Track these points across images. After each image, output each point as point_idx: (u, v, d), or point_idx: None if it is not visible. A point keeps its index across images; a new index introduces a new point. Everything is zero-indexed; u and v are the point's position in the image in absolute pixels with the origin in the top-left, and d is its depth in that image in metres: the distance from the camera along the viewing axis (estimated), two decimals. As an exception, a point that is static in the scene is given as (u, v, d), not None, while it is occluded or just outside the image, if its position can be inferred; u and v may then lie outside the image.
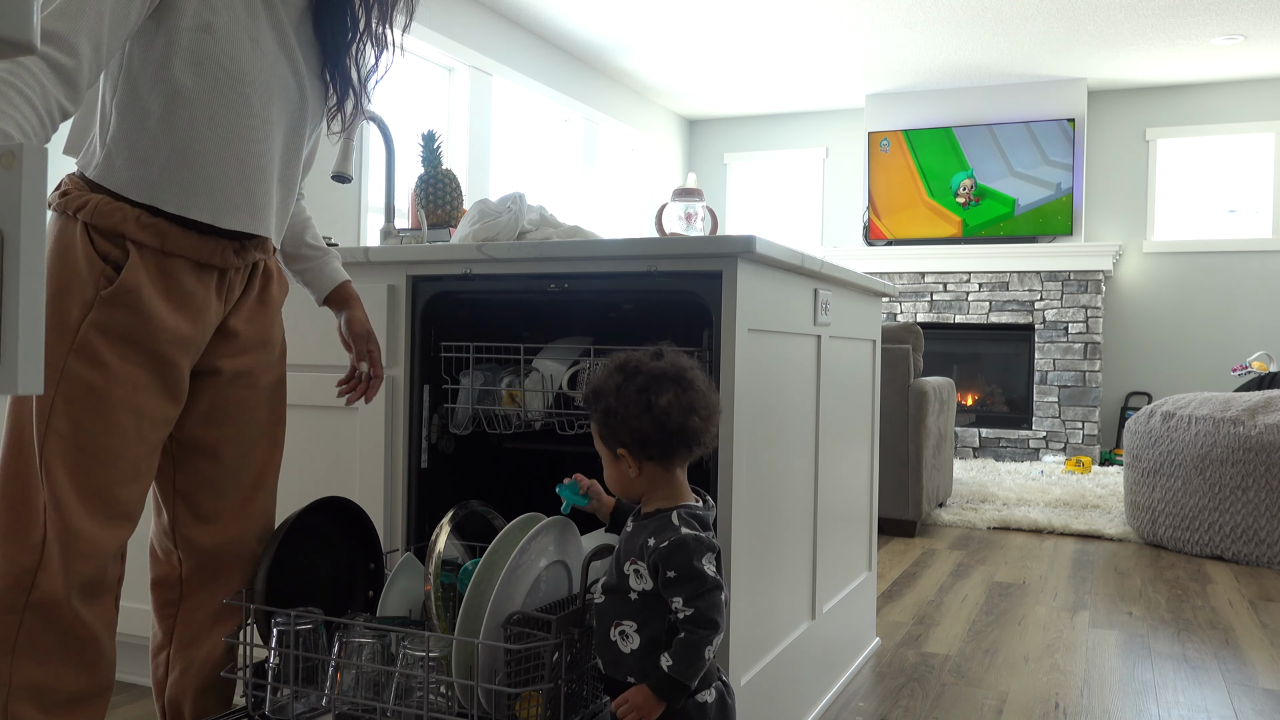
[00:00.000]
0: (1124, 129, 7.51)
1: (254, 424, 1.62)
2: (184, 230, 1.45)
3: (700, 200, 2.90)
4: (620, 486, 1.43)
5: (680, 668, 1.30)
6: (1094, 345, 7.11)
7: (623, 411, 1.36)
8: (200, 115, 1.42)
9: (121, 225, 1.42)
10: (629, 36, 6.57)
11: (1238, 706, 2.32)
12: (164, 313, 1.45)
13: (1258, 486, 3.86)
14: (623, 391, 1.37)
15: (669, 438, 1.36)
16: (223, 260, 1.51)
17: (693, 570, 1.31)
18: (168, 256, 1.45)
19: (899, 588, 3.42)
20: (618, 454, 1.39)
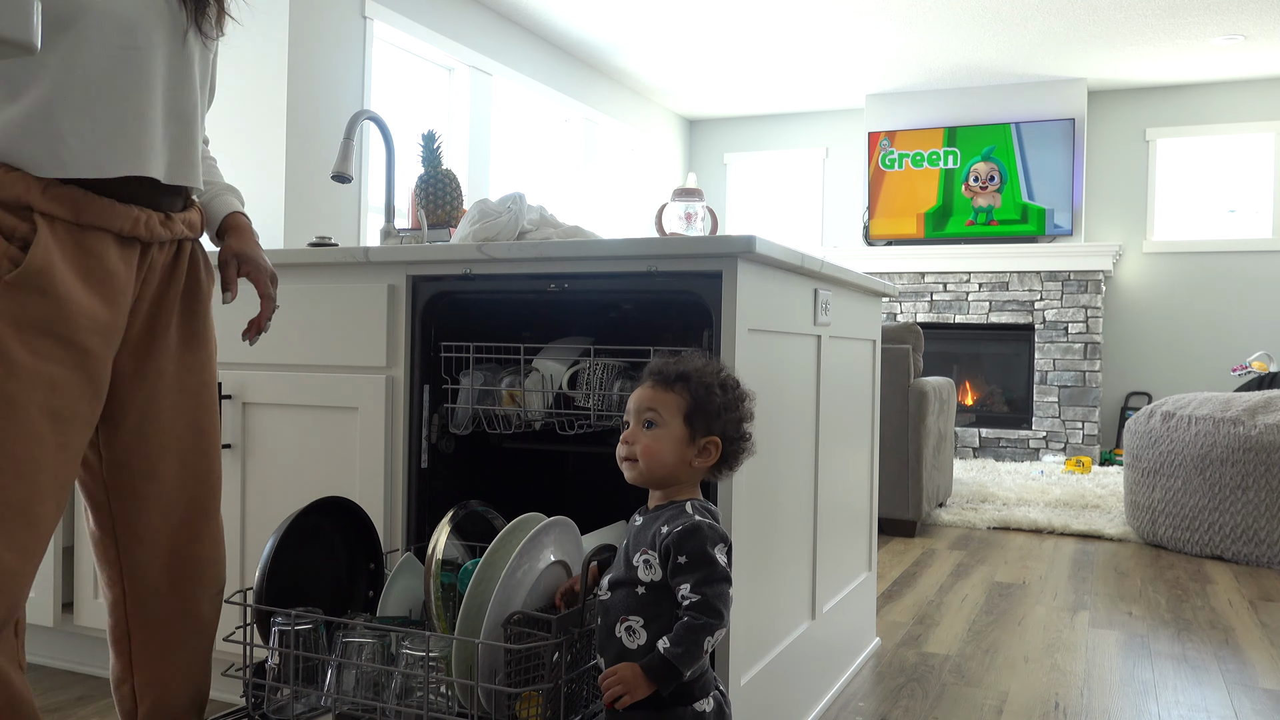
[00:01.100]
0: (1124, 129, 7.51)
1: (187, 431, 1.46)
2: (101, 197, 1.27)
3: (700, 200, 2.90)
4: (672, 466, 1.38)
5: (677, 651, 1.28)
6: (1094, 345, 7.11)
7: (733, 409, 1.41)
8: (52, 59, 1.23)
9: (26, 195, 1.22)
10: (629, 36, 6.57)
11: (1238, 706, 2.32)
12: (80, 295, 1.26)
13: (1258, 486, 3.86)
14: (735, 391, 1.43)
15: (741, 455, 1.44)
16: (148, 232, 1.33)
17: (704, 556, 1.32)
18: (84, 230, 1.27)
19: (899, 588, 3.42)
20: (701, 441, 1.39)
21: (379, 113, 3.03)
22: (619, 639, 1.35)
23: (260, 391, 2.07)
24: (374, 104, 5.25)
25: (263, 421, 2.08)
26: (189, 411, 1.47)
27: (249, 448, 2.10)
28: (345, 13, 5.02)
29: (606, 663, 1.37)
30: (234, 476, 2.11)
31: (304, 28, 4.76)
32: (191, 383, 1.47)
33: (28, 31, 0.98)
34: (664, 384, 1.40)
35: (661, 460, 1.38)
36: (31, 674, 2.36)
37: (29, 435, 1.24)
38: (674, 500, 1.40)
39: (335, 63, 4.95)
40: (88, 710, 2.16)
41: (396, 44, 5.49)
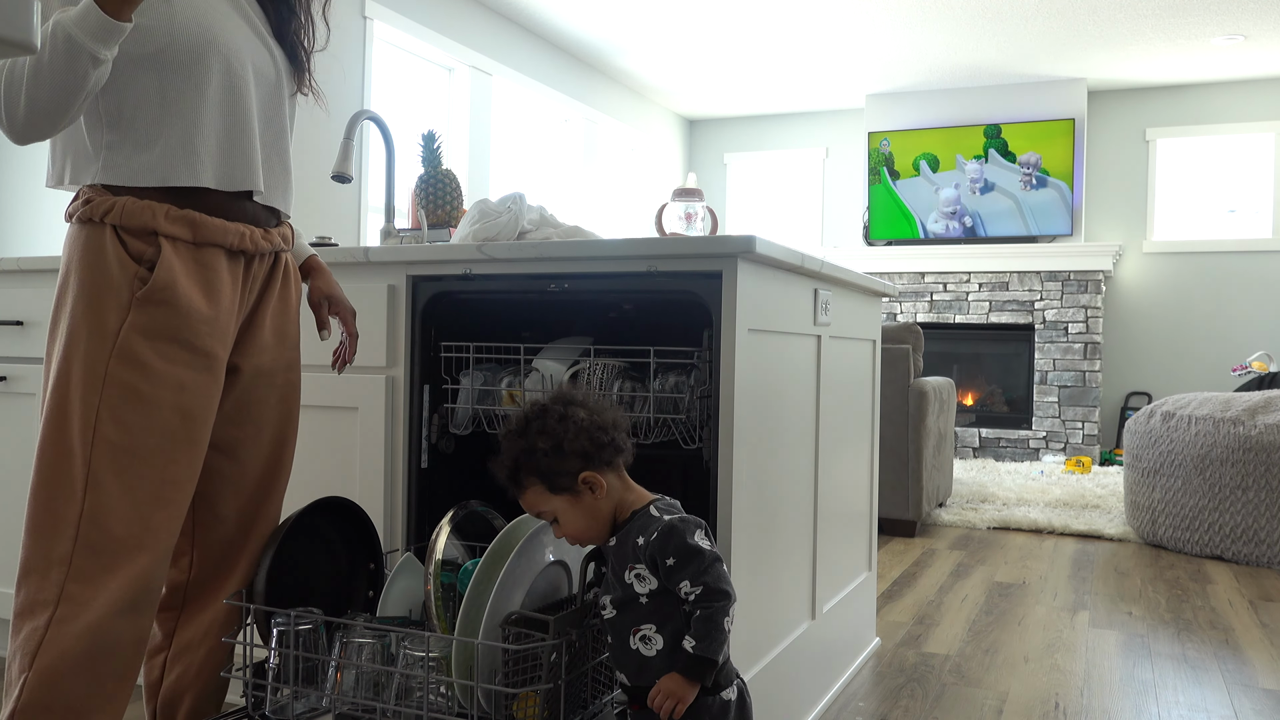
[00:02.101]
0: (1124, 129, 7.51)
1: (271, 423, 1.62)
2: (212, 218, 1.46)
3: (700, 200, 2.90)
4: (594, 525, 1.41)
5: (705, 644, 1.31)
6: (1094, 345, 7.11)
7: (566, 441, 1.38)
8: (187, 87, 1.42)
9: (152, 222, 1.42)
10: (629, 36, 6.57)
11: (1238, 706, 2.32)
12: (201, 305, 1.46)
13: (1258, 486, 3.86)
14: (547, 429, 1.39)
15: (612, 437, 1.41)
16: (252, 244, 1.52)
17: (689, 549, 1.33)
18: (200, 247, 1.46)
19: (899, 588, 3.42)
20: (580, 486, 1.38)
21: (379, 113, 3.03)
22: (635, 650, 1.36)
23: (260, 391, 2.07)
24: (374, 104, 5.25)
25: (263, 421, 2.07)
26: (275, 404, 1.63)
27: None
28: (345, 13, 5.02)
29: (629, 676, 1.38)
30: (234, 476, 2.11)
31: (304, 28, 4.76)
32: (280, 380, 1.63)
33: (28, 31, 0.98)
34: (516, 485, 1.42)
35: (586, 531, 1.41)
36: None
37: (163, 431, 1.42)
38: (634, 510, 1.40)
39: (335, 63, 4.95)
40: (88, 710, 2.16)
41: (396, 44, 5.49)
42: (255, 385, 1.60)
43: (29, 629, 1.38)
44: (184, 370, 1.44)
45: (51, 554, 1.38)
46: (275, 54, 1.56)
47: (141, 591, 1.42)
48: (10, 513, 2.41)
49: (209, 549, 1.62)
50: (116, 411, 1.39)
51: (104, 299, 1.40)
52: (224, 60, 1.46)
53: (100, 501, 1.39)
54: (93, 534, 1.38)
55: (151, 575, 1.43)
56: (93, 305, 1.40)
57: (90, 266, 1.42)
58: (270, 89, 1.55)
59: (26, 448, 2.38)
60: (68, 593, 1.37)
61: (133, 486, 1.40)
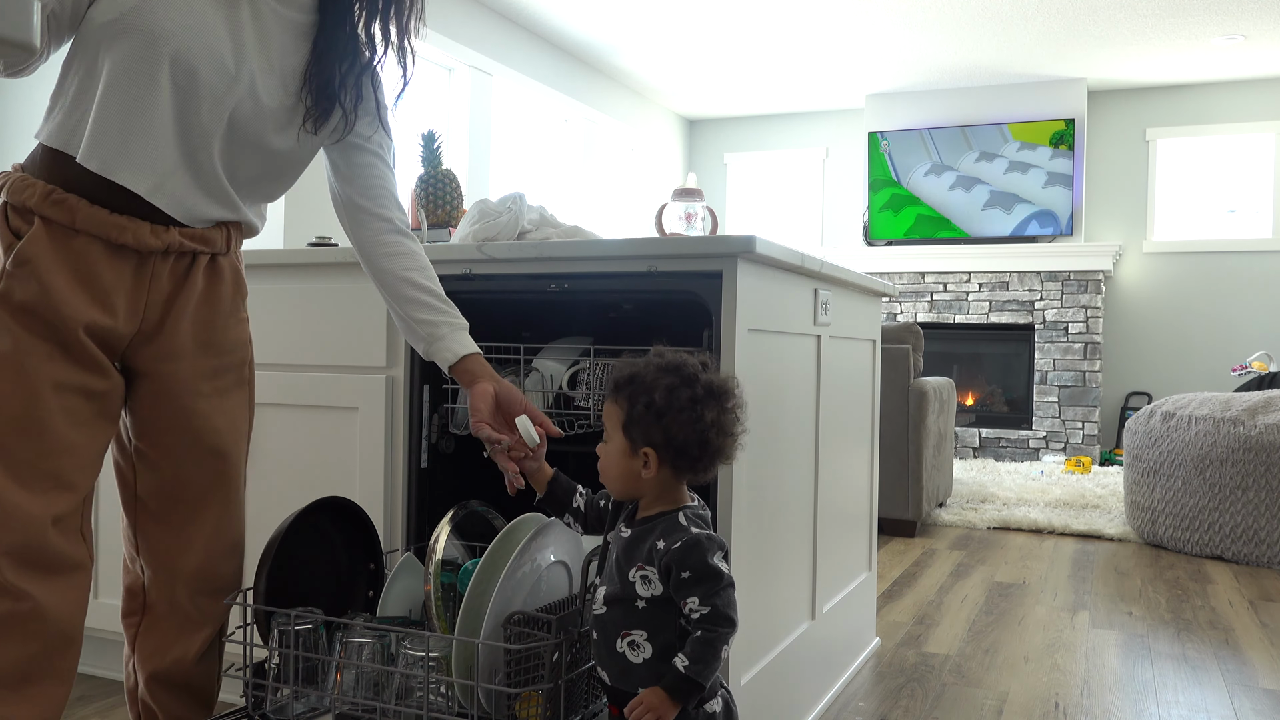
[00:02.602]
0: (1124, 129, 7.51)
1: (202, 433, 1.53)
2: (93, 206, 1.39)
3: (700, 200, 2.90)
4: (623, 481, 1.36)
5: (698, 667, 1.27)
6: (1094, 345, 7.11)
7: (670, 413, 1.32)
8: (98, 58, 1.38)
9: (29, 201, 1.39)
10: (629, 36, 6.57)
11: (1238, 706, 2.32)
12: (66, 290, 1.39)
13: (1258, 486, 3.86)
14: (675, 394, 1.32)
15: (706, 455, 1.34)
16: (136, 240, 1.42)
17: (709, 569, 1.29)
18: (76, 234, 1.40)
19: (899, 588, 3.42)
20: (640, 451, 1.33)
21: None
22: (621, 654, 1.33)
23: (260, 391, 2.07)
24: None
25: (263, 421, 2.08)
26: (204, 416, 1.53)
27: (249, 448, 2.09)
28: (345, 13, 5.01)
29: (610, 678, 1.35)
30: (234, 476, 2.11)
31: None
32: (206, 387, 1.54)
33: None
34: (612, 392, 1.38)
35: (610, 475, 1.37)
36: (31, 674, 2.36)
37: (33, 396, 1.37)
38: (664, 511, 1.36)
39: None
40: (88, 710, 2.16)
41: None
42: (174, 395, 1.51)
43: None
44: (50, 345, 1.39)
45: None
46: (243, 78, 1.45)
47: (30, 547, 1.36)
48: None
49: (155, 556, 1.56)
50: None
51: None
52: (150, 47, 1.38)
53: None
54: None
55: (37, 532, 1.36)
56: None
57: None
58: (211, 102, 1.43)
59: None
60: None
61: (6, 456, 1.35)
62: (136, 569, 1.59)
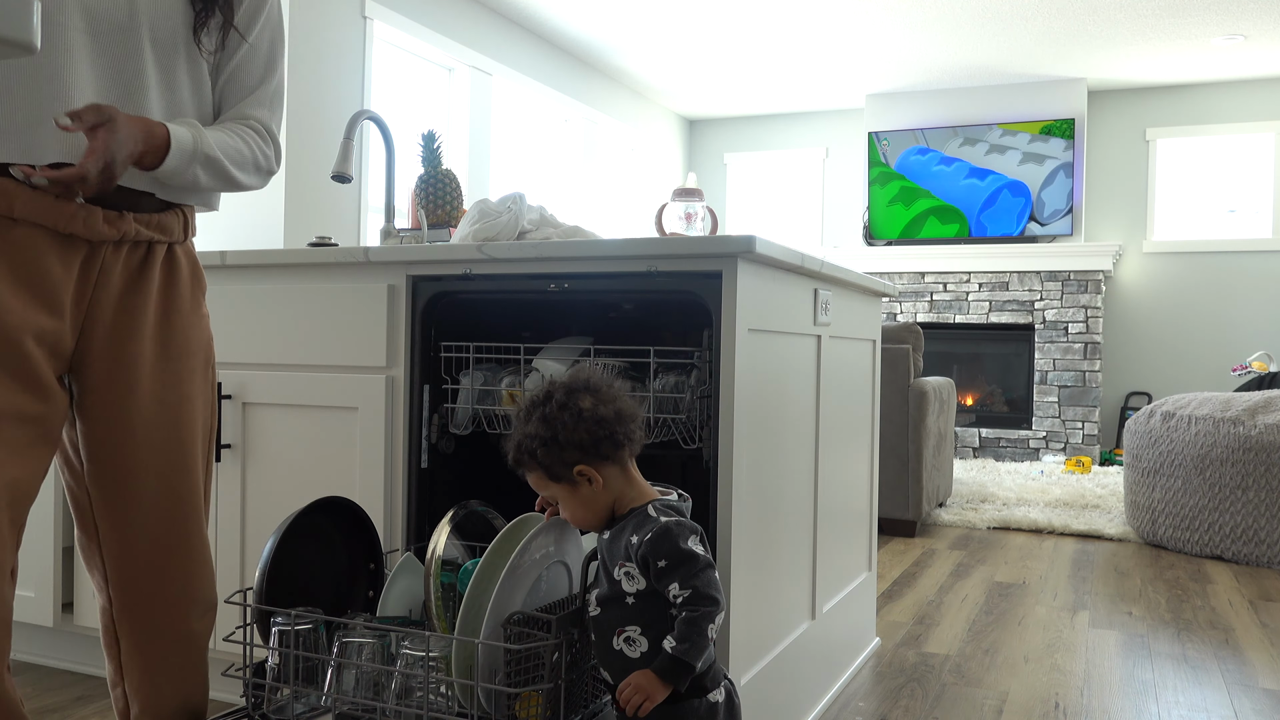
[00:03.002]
0: (1124, 129, 7.51)
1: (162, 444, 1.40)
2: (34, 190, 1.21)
3: (700, 200, 2.90)
4: (591, 514, 1.40)
5: (684, 647, 1.29)
6: (1094, 345, 7.11)
7: (562, 432, 1.36)
8: None
9: None
10: (629, 36, 6.57)
11: (1238, 706, 2.32)
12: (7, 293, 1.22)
13: (1258, 486, 3.86)
14: (547, 417, 1.37)
15: (611, 431, 1.37)
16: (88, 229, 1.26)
17: (682, 553, 1.32)
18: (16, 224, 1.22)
19: (899, 588, 3.42)
20: (576, 477, 1.37)
21: (379, 113, 3.03)
22: (619, 651, 1.36)
23: (260, 391, 2.07)
24: (374, 104, 5.25)
25: (263, 421, 2.08)
26: (166, 426, 1.40)
27: (249, 448, 2.10)
28: (345, 13, 5.02)
29: (612, 676, 1.37)
30: (234, 476, 2.11)
31: (303, 27, 4.76)
32: (170, 397, 1.40)
33: (28, 31, 0.98)
34: (519, 469, 1.42)
35: (584, 520, 1.41)
36: (31, 674, 2.36)
37: None
38: (634, 507, 1.39)
39: (335, 63, 4.95)
40: (87, 710, 2.16)
41: (396, 44, 5.49)
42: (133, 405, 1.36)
43: None
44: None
45: None
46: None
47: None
48: None
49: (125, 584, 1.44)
50: None
51: None
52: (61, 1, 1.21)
53: None
54: None
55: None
56: None
57: None
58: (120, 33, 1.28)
59: None
60: None
61: None
62: (104, 598, 1.47)
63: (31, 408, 1.27)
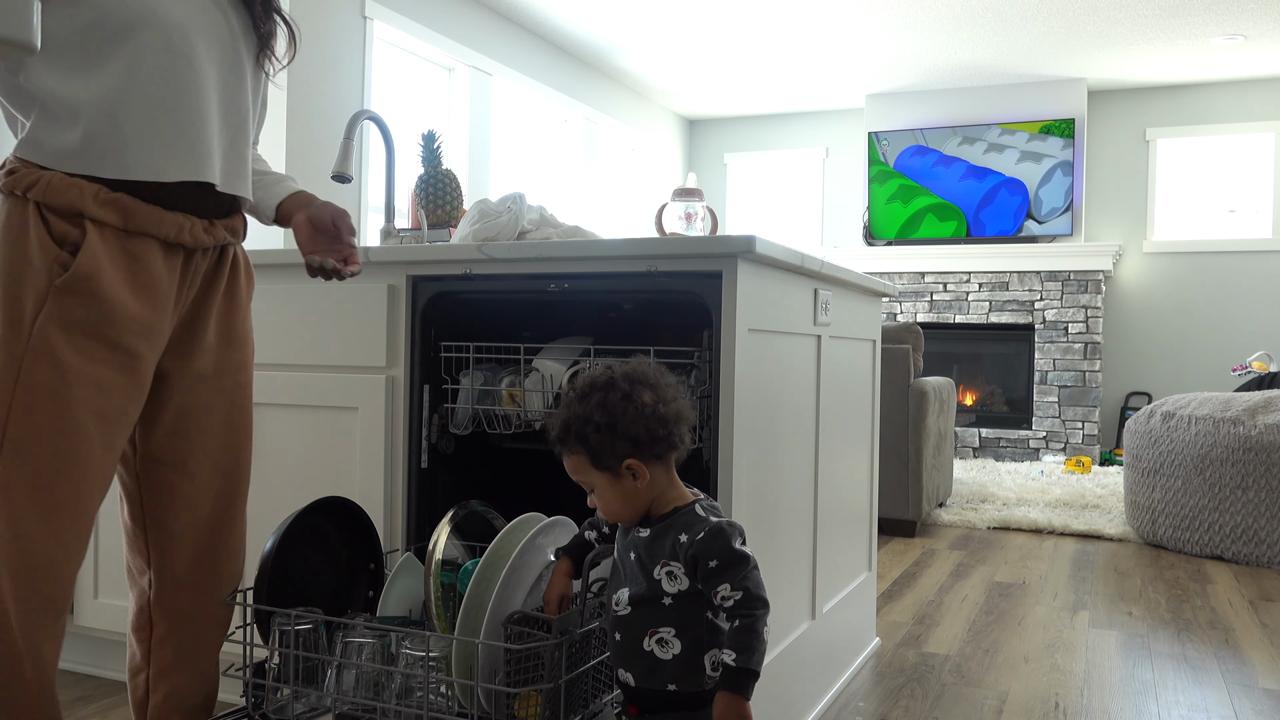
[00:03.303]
0: (1124, 129, 7.51)
1: (220, 431, 1.51)
2: (149, 205, 1.32)
3: (700, 200, 2.90)
4: (628, 509, 1.37)
5: (747, 655, 1.26)
6: (1094, 345, 7.11)
7: (621, 422, 1.34)
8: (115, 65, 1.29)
9: (79, 203, 1.28)
10: (629, 37, 6.57)
11: (1238, 706, 2.32)
12: (127, 299, 1.32)
13: (1258, 486, 3.86)
14: (608, 404, 1.35)
15: (669, 431, 1.36)
16: (192, 238, 1.38)
17: (735, 554, 1.30)
18: (132, 236, 1.32)
19: (899, 588, 3.42)
20: (622, 470, 1.34)
21: (379, 113, 3.03)
22: (649, 652, 1.33)
23: (260, 391, 2.07)
24: (374, 104, 5.25)
25: (263, 421, 2.08)
26: (224, 411, 1.51)
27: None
28: (345, 13, 5.02)
29: (636, 678, 1.35)
30: (234, 476, 2.11)
31: (303, 27, 4.76)
32: (228, 383, 1.51)
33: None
34: (562, 446, 1.39)
35: (619, 511, 1.38)
36: (31, 674, 2.36)
37: (77, 434, 1.30)
38: (677, 508, 1.37)
39: (335, 63, 4.96)
40: (88, 710, 2.16)
41: (396, 44, 5.49)
42: (199, 391, 1.47)
43: None
44: (103, 369, 1.32)
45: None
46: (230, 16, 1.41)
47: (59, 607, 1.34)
48: None
49: (169, 568, 1.52)
50: (28, 413, 1.27)
51: (21, 285, 1.27)
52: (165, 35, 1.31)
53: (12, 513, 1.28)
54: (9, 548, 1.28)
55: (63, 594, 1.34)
56: (9, 292, 1.27)
57: (10, 247, 1.28)
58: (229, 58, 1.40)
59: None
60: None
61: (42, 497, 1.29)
62: (144, 582, 1.54)
63: (134, 410, 1.38)
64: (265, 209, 1.57)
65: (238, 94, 1.43)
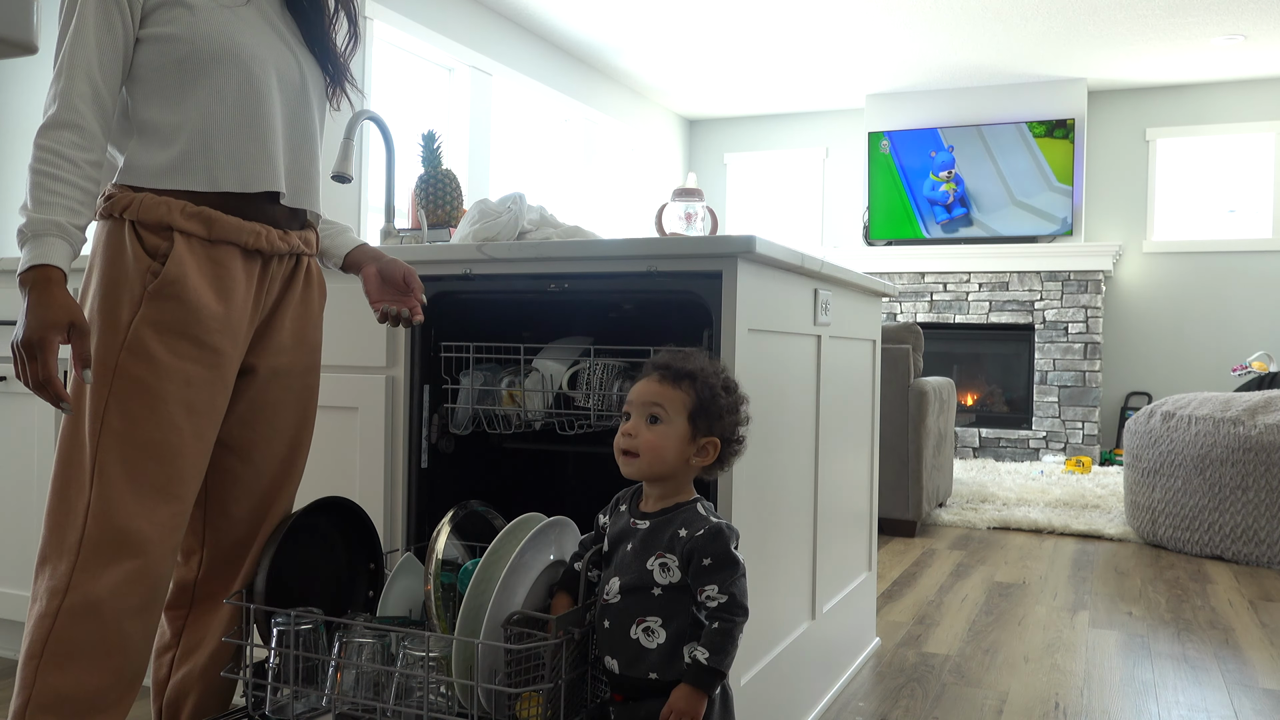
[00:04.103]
0: (1124, 129, 7.51)
1: (286, 426, 1.63)
2: (229, 216, 1.47)
3: (700, 200, 2.90)
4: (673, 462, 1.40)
5: (718, 657, 1.32)
6: (1094, 345, 7.11)
7: (730, 410, 1.42)
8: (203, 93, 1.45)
9: (168, 217, 1.44)
10: (629, 36, 6.57)
11: (1238, 706, 2.32)
12: (211, 301, 1.47)
13: (1258, 486, 3.86)
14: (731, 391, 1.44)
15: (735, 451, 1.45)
16: (269, 244, 1.53)
17: (729, 557, 1.35)
18: (215, 244, 1.47)
19: (899, 588, 3.42)
20: (704, 442, 1.40)
21: (379, 113, 3.03)
22: (635, 640, 1.37)
23: (260, 391, 2.06)
24: (374, 104, 5.25)
25: (263, 421, 2.07)
26: (291, 406, 1.64)
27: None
28: (345, 13, 5.01)
29: (620, 665, 1.39)
30: (234, 476, 2.11)
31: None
32: (297, 383, 1.64)
33: (28, 32, 0.98)
34: (671, 380, 1.41)
35: (663, 457, 1.40)
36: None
37: (169, 424, 1.43)
38: (680, 502, 1.42)
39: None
40: (88, 710, 2.16)
41: (396, 44, 5.49)
42: (271, 387, 1.60)
43: (38, 616, 1.41)
44: (191, 365, 1.45)
45: (64, 543, 1.41)
46: (301, 61, 1.58)
47: (148, 589, 1.44)
48: (12, 510, 2.41)
49: (219, 549, 1.63)
50: (124, 404, 1.41)
51: (118, 292, 1.43)
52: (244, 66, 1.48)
53: (106, 493, 1.41)
54: (99, 525, 1.40)
55: (157, 572, 1.45)
56: (107, 298, 1.43)
57: (108, 261, 1.45)
58: (295, 93, 1.57)
59: (27, 446, 2.38)
60: (75, 582, 1.40)
61: (137, 480, 1.42)
62: (193, 563, 1.64)
63: (221, 403, 1.51)
64: (333, 255, 1.72)
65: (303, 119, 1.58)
